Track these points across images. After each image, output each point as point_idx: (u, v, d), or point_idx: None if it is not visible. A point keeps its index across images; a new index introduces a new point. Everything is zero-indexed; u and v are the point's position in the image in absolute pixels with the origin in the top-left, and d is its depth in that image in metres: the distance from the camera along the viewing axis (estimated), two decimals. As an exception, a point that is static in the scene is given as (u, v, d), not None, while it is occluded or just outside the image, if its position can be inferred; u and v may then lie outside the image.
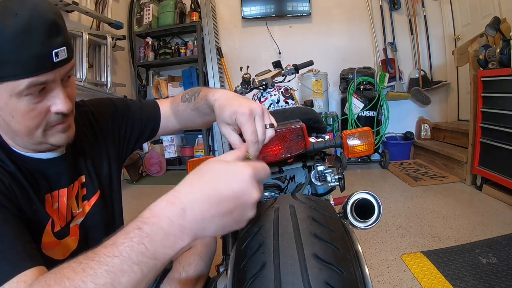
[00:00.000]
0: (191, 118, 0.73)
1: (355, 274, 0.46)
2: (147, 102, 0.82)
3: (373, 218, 0.64)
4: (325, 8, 3.64)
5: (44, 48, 0.47)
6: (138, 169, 3.43)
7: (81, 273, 0.33)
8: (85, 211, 0.67)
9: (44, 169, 0.59)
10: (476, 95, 2.28)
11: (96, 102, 0.76)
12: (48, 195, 0.59)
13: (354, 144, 0.87)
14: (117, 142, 0.76)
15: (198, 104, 0.67)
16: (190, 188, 0.37)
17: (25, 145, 0.56)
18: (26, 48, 0.45)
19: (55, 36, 0.48)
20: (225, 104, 0.56)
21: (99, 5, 3.12)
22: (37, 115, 0.51)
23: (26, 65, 0.46)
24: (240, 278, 0.48)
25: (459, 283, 1.24)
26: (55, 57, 0.48)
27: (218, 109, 0.57)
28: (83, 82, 2.67)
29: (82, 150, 0.68)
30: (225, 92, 0.60)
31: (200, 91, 0.68)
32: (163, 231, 0.35)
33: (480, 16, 2.91)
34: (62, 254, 0.60)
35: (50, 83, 0.50)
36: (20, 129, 0.52)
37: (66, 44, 0.50)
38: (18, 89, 0.47)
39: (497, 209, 1.96)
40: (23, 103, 0.49)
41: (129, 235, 0.34)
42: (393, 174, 2.93)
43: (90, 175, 0.68)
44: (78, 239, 0.64)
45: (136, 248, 0.34)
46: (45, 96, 0.51)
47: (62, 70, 0.51)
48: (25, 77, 0.46)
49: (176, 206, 0.36)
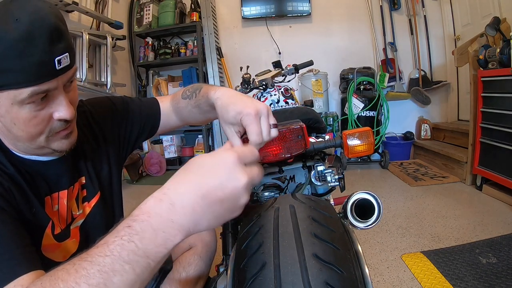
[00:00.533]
0: (192, 115, 0.72)
1: (355, 274, 0.46)
2: (147, 100, 0.81)
3: (373, 218, 0.64)
4: (325, 8, 3.64)
5: (47, 56, 0.46)
6: (138, 169, 3.43)
7: (74, 274, 0.33)
8: (86, 212, 0.66)
9: (44, 171, 0.59)
10: (476, 95, 2.28)
11: (95, 102, 0.75)
12: (48, 197, 0.59)
13: (354, 144, 0.87)
14: (116, 141, 0.75)
15: (199, 102, 0.66)
16: (177, 183, 0.37)
17: (26, 150, 0.56)
18: (28, 56, 0.44)
19: (57, 42, 0.47)
20: (228, 104, 0.54)
21: (99, 5, 3.12)
22: (40, 123, 0.50)
23: (28, 73, 0.45)
24: (240, 278, 0.48)
25: (459, 283, 1.24)
26: (57, 64, 0.47)
27: (221, 108, 0.56)
28: (83, 82, 2.67)
29: (82, 151, 0.67)
30: (227, 90, 0.58)
31: (201, 88, 0.67)
32: (153, 228, 0.34)
33: (480, 16, 2.91)
34: (62, 256, 0.59)
35: (53, 91, 0.49)
36: (22, 135, 0.51)
37: (68, 49, 0.49)
38: (20, 98, 0.46)
39: (497, 209, 1.96)
40: (25, 111, 0.48)
41: (120, 233, 0.34)
42: (393, 174, 2.93)
43: (90, 176, 0.68)
44: (78, 241, 0.63)
45: (127, 246, 0.33)
46: (47, 103, 0.50)
47: (65, 77, 0.50)
48: (27, 86, 0.45)
49: (165, 202, 0.35)
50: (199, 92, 0.67)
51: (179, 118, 0.78)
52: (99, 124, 0.72)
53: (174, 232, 0.35)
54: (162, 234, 0.34)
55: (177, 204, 0.35)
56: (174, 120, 0.79)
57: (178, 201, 0.35)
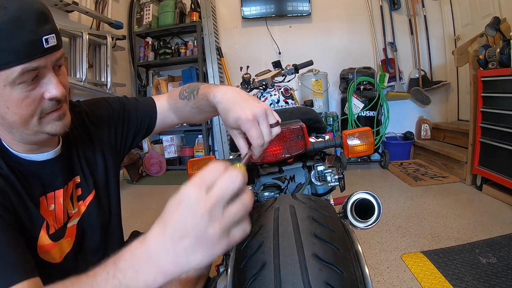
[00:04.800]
0: (191, 115, 0.73)
1: (355, 274, 0.46)
2: (143, 99, 0.81)
3: (373, 218, 0.64)
4: (325, 8, 3.64)
5: (35, 35, 0.49)
6: (138, 169, 3.43)
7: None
8: (81, 211, 0.66)
9: (39, 171, 0.59)
10: (476, 95, 2.28)
11: (91, 103, 0.76)
12: (43, 197, 0.59)
13: (354, 144, 0.87)
14: (113, 142, 0.76)
15: (199, 103, 0.67)
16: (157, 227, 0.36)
17: (22, 138, 0.56)
18: (17, 36, 0.47)
19: (44, 23, 0.50)
20: (228, 109, 0.55)
21: (99, 5, 3.12)
22: (31, 103, 0.52)
23: (18, 52, 0.47)
24: (240, 278, 0.48)
25: (459, 283, 1.24)
26: (45, 43, 0.50)
27: (222, 113, 0.57)
28: (83, 82, 2.67)
29: (76, 150, 0.68)
30: (225, 92, 0.58)
31: (199, 88, 0.67)
32: (134, 268, 0.36)
33: (480, 16, 2.91)
34: (58, 256, 0.60)
35: (42, 70, 0.51)
36: (15, 119, 0.52)
37: (54, 31, 0.52)
38: (11, 78, 0.48)
39: (497, 209, 1.96)
40: (17, 91, 0.50)
41: (106, 268, 0.37)
42: (393, 174, 2.93)
43: (84, 176, 0.68)
44: (73, 240, 0.64)
45: (111, 281, 0.36)
46: (38, 83, 0.52)
47: (53, 57, 0.52)
48: (17, 64, 0.48)
49: (144, 245, 0.36)
50: (197, 93, 0.67)
51: (178, 116, 0.78)
52: (95, 125, 0.73)
53: (153, 274, 0.35)
54: (142, 276, 0.35)
55: (151, 246, 0.35)
56: (172, 118, 0.79)
57: (152, 243, 0.36)
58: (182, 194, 0.34)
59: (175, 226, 0.34)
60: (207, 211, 0.33)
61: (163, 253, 0.35)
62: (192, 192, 0.33)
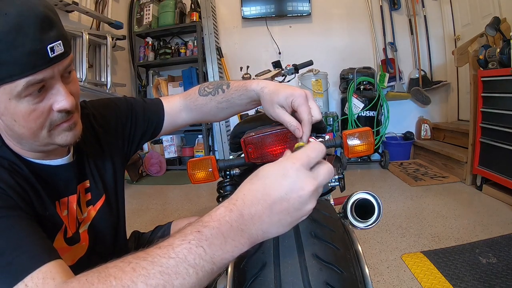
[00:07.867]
0: (215, 111, 0.74)
1: (355, 274, 0.46)
2: (150, 100, 0.80)
3: (373, 218, 0.64)
4: (325, 8, 3.64)
5: (38, 44, 0.45)
6: (138, 169, 3.43)
7: (130, 273, 0.32)
8: (91, 216, 0.65)
9: (54, 176, 0.58)
10: (476, 95, 2.28)
11: (98, 104, 0.74)
12: (57, 202, 0.58)
13: (354, 144, 0.87)
14: (120, 144, 0.75)
15: (231, 96, 0.69)
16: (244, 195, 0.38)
17: (32, 148, 0.54)
18: (19, 46, 0.43)
19: (48, 30, 0.46)
20: (278, 89, 0.60)
21: (99, 5, 3.12)
22: (40, 116, 0.49)
23: (21, 64, 0.44)
24: (240, 278, 0.48)
25: (459, 283, 1.24)
26: (50, 52, 0.46)
27: (269, 95, 0.60)
28: (83, 82, 2.67)
29: (86, 155, 0.66)
30: (266, 82, 0.64)
31: (228, 83, 0.71)
32: (223, 235, 0.35)
33: (480, 16, 2.91)
34: (71, 260, 0.59)
35: (49, 80, 0.48)
36: (24, 132, 0.50)
37: (61, 37, 0.48)
38: (16, 91, 0.45)
39: (497, 209, 1.96)
40: (23, 105, 0.47)
41: (187, 237, 0.35)
42: (393, 174, 2.93)
43: (94, 180, 0.67)
44: (87, 245, 0.62)
45: (194, 250, 0.34)
46: (45, 94, 0.49)
47: (60, 66, 0.49)
48: (21, 77, 0.44)
49: (234, 212, 0.36)
50: (227, 87, 0.70)
51: (194, 115, 0.78)
52: (103, 127, 0.71)
53: (243, 240, 0.36)
54: (232, 242, 0.36)
55: (245, 214, 0.36)
56: (184, 118, 0.79)
57: (246, 211, 0.37)
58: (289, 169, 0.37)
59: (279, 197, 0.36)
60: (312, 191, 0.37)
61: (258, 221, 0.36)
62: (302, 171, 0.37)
